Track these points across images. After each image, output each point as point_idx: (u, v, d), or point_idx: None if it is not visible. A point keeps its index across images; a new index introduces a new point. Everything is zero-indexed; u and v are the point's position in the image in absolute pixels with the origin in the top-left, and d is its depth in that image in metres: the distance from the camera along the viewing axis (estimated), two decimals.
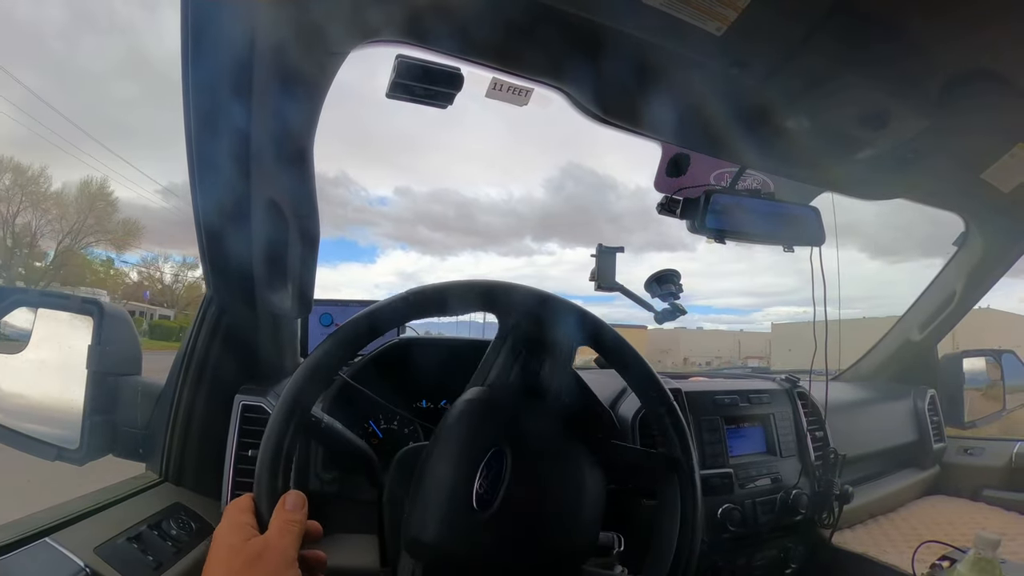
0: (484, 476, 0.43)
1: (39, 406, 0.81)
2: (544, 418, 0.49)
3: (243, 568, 0.39)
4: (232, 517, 0.43)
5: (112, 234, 21.29)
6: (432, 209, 64.92)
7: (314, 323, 0.82)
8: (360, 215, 64.47)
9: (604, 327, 0.54)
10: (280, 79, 0.59)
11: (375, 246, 70.47)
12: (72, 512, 0.66)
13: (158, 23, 34.74)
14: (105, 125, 32.01)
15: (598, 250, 0.74)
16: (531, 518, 0.44)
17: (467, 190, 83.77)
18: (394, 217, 67.04)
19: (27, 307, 0.83)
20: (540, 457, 0.46)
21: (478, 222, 65.10)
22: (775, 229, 0.77)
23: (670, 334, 26.68)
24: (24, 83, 26.30)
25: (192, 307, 23.15)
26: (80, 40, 34.66)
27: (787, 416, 0.94)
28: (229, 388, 0.67)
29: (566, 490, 0.46)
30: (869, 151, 0.86)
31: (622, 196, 65.35)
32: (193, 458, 0.70)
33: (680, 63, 0.67)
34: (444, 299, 0.48)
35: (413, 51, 0.62)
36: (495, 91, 0.65)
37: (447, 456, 0.45)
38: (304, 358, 0.82)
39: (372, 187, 70.81)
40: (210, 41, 0.55)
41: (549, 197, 68.89)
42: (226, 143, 0.60)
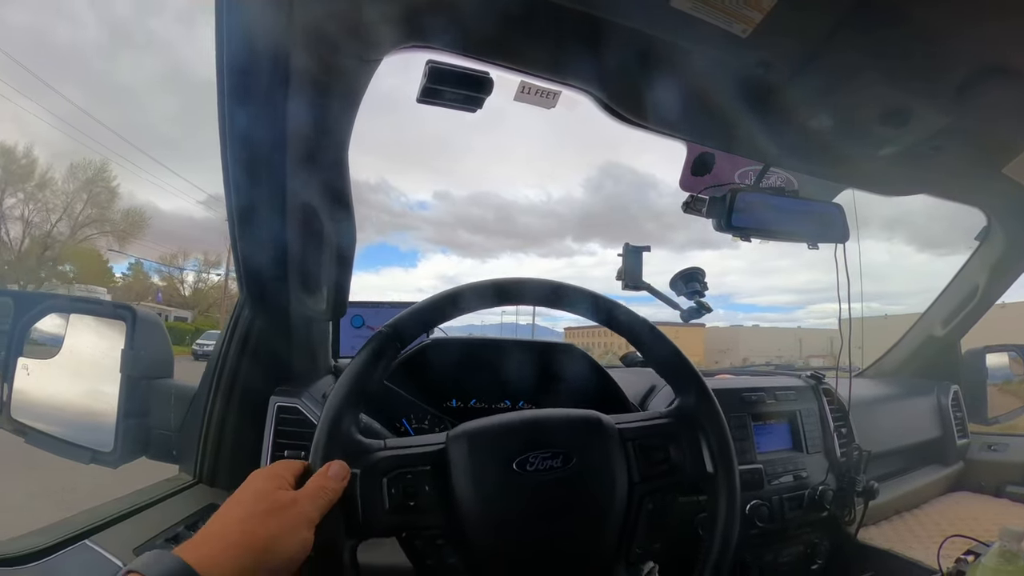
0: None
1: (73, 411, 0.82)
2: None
3: (263, 514, 0.39)
4: (274, 468, 0.44)
5: (112, 223, 19.01)
6: (471, 212, 65.12)
7: (345, 325, 0.83)
8: (401, 220, 64.87)
9: (617, 305, 0.55)
10: (315, 86, 0.60)
11: (416, 250, 70.91)
12: (110, 514, 0.68)
13: (194, 37, 35.24)
14: (148, 138, 32.48)
15: (624, 249, 0.74)
16: (564, 485, 0.47)
17: (506, 192, 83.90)
18: (434, 221, 67.26)
19: (59, 313, 0.85)
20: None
21: (518, 224, 65.12)
22: (800, 227, 0.78)
23: (728, 333, 25.71)
24: (72, 100, 26.44)
25: (214, 309, 22.36)
26: (119, 57, 35.33)
27: (813, 412, 0.94)
28: (263, 389, 0.69)
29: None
30: (890, 148, 0.86)
31: (664, 194, 65.15)
32: (227, 459, 0.71)
33: (705, 64, 0.68)
34: (456, 299, 0.50)
35: (443, 56, 0.62)
36: (523, 94, 0.66)
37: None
38: (336, 360, 0.84)
39: (411, 192, 71.11)
40: (245, 49, 0.56)
41: (589, 197, 68.69)
42: (261, 149, 0.61)
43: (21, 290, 3.67)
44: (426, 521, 0.46)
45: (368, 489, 0.44)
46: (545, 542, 0.47)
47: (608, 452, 0.49)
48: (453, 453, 0.47)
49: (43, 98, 18.90)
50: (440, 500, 0.46)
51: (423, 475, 0.46)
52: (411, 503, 0.45)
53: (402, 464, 0.46)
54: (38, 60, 27.81)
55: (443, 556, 0.46)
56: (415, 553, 0.46)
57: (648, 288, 0.75)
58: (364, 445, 0.46)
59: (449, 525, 0.46)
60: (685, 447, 0.52)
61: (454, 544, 0.46)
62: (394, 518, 0.45)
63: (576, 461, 0.48)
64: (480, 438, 0.48)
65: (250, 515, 0.39)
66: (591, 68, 0.65)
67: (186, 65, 36.41)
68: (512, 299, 0.52)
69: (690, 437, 0.53)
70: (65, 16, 32.41)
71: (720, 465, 0.52)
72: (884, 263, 24.49)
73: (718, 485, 0.52)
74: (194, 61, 35.81)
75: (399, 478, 0.45)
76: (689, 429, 0.53)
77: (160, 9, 38.20)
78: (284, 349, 0.71)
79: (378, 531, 0.45)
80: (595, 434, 0.50)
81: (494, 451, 0.47)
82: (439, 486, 0.46)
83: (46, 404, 0.83)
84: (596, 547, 0.48)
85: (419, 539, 0.46)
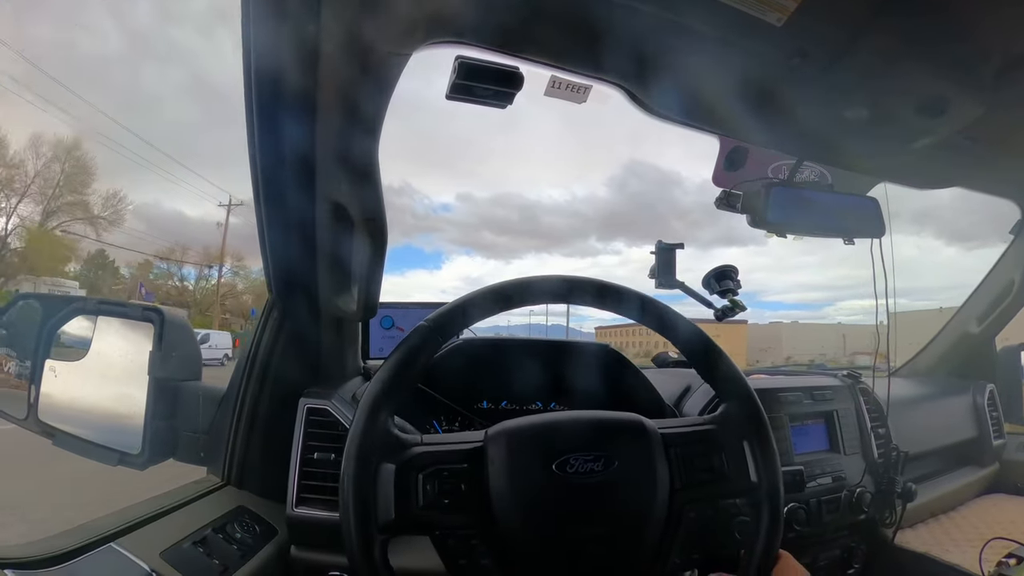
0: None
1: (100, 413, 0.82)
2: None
3: None
4: None
5: (85, 207, 16.93)
6: (495, 213, 65.14)
7: (375, 326, 0.83)
8: (424, 222, 65.21)
9: (666, 308, 0.54)
10: (344, 82, 0.59)
11: (440, 252, 71.18)
12: (137, 517, 0.67)
13: (215, 46, 35.80)
14: (175, 146, 33.03)
15: (657, 247, 0.73)
16: (604, 489, 0.46)
17: (529, 192, 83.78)
18: (458, 223, 67.41)
19: (86, 315, 0.85)
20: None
21: (542, 224, 64.97)
22: (835, 221, 0.75)
23: (769, 331, 24.71)
24: (98, 107, 26.67)
25: (214, 309, 21.42)
26: (142, 68, 36.09)
27: (850, 413, 0.91)
28: (292, 391, 0.68)
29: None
30: (925, 139, 0.83)
31: (688, 191, 64.28)
32: (256, 461, 0.71)
33: (739, 55, 0.66)
34: (464, 308, 0.50)
35: (472, 52, 0.61)
36: (554, 89, 0.64)
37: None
38: (365, 361, 0.84)
39: (434, 194, 71.29)
40: (272, 50, 0.55)
41: (613, 195, 68.17)
42: (291, 150, 0.60)
43: (49, 293, 3.72)
44: (460, 520, 0.45)
45: (403, 484, 0.43)
46: (581, 546, 0.45)
47: (650, 457, 0.48)
48: (491, 451, 0.46)
49: (68, 107, 19.03)
50: (476, 499, 0.45)
51: (459, 473, 0.45)
52: (446, 500, 0.44)
53: (439, 461, 0.45)
54: (62, 71, 28.31)
55: (476, 556, 0.45)
56: (448, 552, 0.45)
57: (681, 286, 0.74)
58: (401, 440, 0.45)
59: (484, 524, 0.45)
60: (729, 455, 0.51)
61: (488, 544, 0.45)
62: (428, 515, 0.44)
63: (617, 465, 0.47)
64: (520, 437, 0.47)
65: None
66: (623, 61, 0.64)
67: (209, 72, 36.96)
68: (559, 297, 0.51)
69: (735, 445, 0.51)
70: (85, 27, 33.05)
71: (765, 474, 0.51)
72: (913, 258, 23.96)
73: (762, 494, 0.50)
74: (216, 68, 36.33)
75: (435, 475, 0.44)
76: (734, 437, 0.52)
77: (180, 18, 38.86)
78: (313, 350, 0.71)
79: (411, 528, 0.44)
80: (638, 438, 0.49)
81: (534, 451, 0.46)
82: (475, 484, 0.45)
83: (73, 406, 0.83)
84: (633, 554, 0.47)
85: (452, 538, 0.45)
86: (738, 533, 0.54)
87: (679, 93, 0.66)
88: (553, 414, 0.50)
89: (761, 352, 21.87)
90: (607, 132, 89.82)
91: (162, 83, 37.10)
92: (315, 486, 0.65)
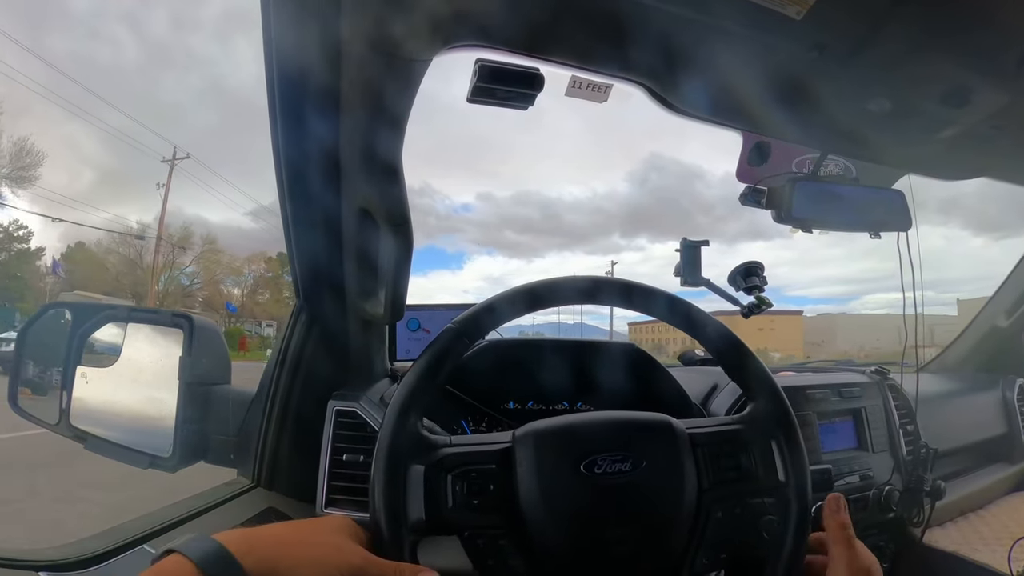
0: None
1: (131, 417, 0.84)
2: None
3: (308, 544, 0.39)
4: (360, 529, 0.44)
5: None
6: (516, 212, 64.83)
7: (401, 328, 0.83)
8: (446, 223, 65.31)
9: (692, 307, 0.54)
10: (366, 88, 0.59)
11: (462, 252, 71.06)
12: (168, 519, 0.68)
13: (231, 53, 36.28)
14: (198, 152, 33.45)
15: (682, 244, 0.72)
16: (632, 489, 0.46)
17: (549, 190, 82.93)
18: (479, 223, 67.24)
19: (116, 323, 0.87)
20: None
21: (564, 222, 64.45)
22: (861, 215, 0.74)
23: (822, 322, 22.55)
24: (127, 112, 26.87)
25: (174, 299, 18.34)
26: (161, 76, 36.73)
27: (878, 410, 0.90)
28: (321, 394, 0.69)
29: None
30: (950, 130, 0.82)
31: (711, 185, 63.05)
32: (285, 463, 0.72)
33: (759, 50, 0.65)
34: (491, 310, 0.50)
35: (493, 54, 0.62)
36: (574, 89, 0.64)
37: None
38: (392, 363, 0.85)
39: (455, 195, 71.05)
40: (294, 53, 0.56)
41: (634, 191, 67.13)
42: (315, 154, 0.61)
43: (79, 301, 3.76)
44: (489, 520, 0.45)
45: (432, 485, 0.44)
46: (609, 547, 0.45)
47: (678, 457, 0.48)
48: (519, 452, 0.46)
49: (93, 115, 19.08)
50: (504, 499, 0.45)
51: (488, 473, 0.45)
52: (475, 501, 0.44)
53: (467, 461, 0.45)
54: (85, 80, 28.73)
55: (505, 557, 0.45)
56: (477, 553, 0.45)
57: (707, 284, 0.73)
58: (430, 440, 0.46)
59: (512, 525, 0.45)
60: (757, 455, 0.50)
61: (517, 545, 0.45)
62: (457, 516, 0.44)
63: (645, 465, 0.47)
64: (547, 438, 0.47)
65: (298, 539, 0.40)
66: (643, 59, 0.64)
67: (223, 81, 37.38)
68: (587, 297, 0.51)
69: (763, 445, 0.51)
70: (105, 39, 33.69)
71: (793, 473, 0.50)
72: (939, 249, 22.91)
73: (790, 493, 0.50)
74: (234, 74, 36.69)
75: (464, 475, 0.45)
76: (762, 436, 0.51)
77: (197, 26, 39.40)
78: (342, 353, 0.71)
79: (440, 528, 0.44)
80: (665, 438, 0.49)
81: (561, 451, 0.46)
82: (504, 485, 0.45)
83: (104, 411, 0.85)
84: (661, 555, 0.47)
85: (481, 538, 0.45)
86: (765, 533, 0.54)
87: (701, 89, 0.66)
88: (581, 415, 0.50)
89: (815, 347, 20.08)
90: (625, 127, 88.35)
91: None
92: (344, 487, 0.66)
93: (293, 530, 0.42)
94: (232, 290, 24.13)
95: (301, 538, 0.40)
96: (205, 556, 0.35)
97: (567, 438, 0.47)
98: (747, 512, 0.50)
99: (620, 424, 0.49)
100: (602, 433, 0.48)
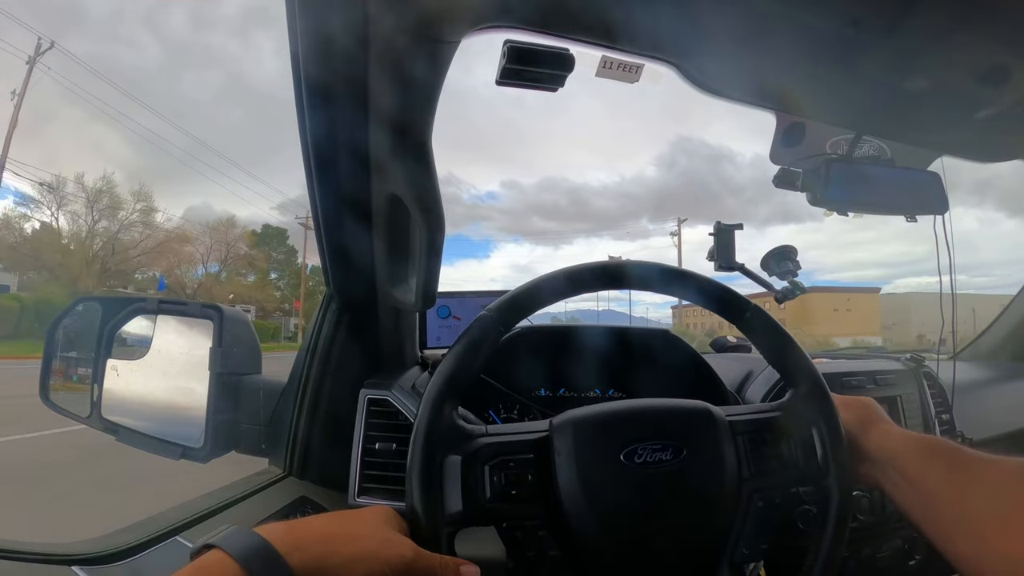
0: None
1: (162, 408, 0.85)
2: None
3: (355, 537, 0.38)
4: (401, 520, 0.43)
5: None
6: (543, 198, 64.49)
7: (432, 316, 0.83)
8: (473, 211, 65.31)
9: (728, 290, 0.53)
10: (394, 72, 0.59)
11: (489, 240, 70.91)
12: (201, 510, 0.69)
13: (250, 49, 36.46)
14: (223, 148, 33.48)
15: (716, 228, 0.71)
16: (673, 478, 0.45)
17: (576, 176, 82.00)
18: (505, 210, 66.99)
19: (146, 315, 0.88)
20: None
21: (592, 207, 63.89)
22: (896, 198, 0.73)
23: (896, 302, 20.48)
24: (156, 110, 26.46)
25: (112, 275, 15.06)
26: (182, 76, 37.08)
27: (913, 398, 0.88)
28: (353, 382, 0.69)
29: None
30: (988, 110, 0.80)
31: (740, 167, 61.90)
32: (317, 452, 0.72)
33: (792, 27, 0.64)
34: (528, 295, 0.50)
35: (522, 35, 0.61)
36: (605, 69, 0.63)
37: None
38: (422, 351, 0.84)
39: (480, 183, 70.94)
40: (320, 37, 0.55)
41: (663, 174, 66.28)
42: (344, 142, 0.61)
43: (109, 295, 3.79)
44: (528, 511, 0.44)
45: (469, 476, 0.43)
46: (651, 537, 0.45)
47: (719, 445, 0.47)
48: (557, 441, 0.45)
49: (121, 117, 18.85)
50: (543, 490, 0.44)
51: (526, 463, 0.45)
52: (513, 492, 0.44)
53: (504, 451, 0.45)
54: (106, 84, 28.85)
55: (544, 548, 0.45)
56: (515, 544, 0.45)
57: (742, 269, 0.72)
58: (466, 431, 0.45)
59: (551, 516, 0.44)
60: (797, 442, 0.49)
61: (555, 536, 0.45)
62: (495, 507, 0.44)
63: (687, 454, 0.46)
64: (586, 427, 0.46)
65: (345, 533, 0.39)
66: (675, 38, 0.62)
67: (246, 76, 37.49)
68: (617, 283, 0.50)
69: (803, 431, 0.50)
70: (124, 41, 34.05)
71: (834, 461, 0.49)
72: (973, 231, 21.71)
73: (831, 483, 0.49)
74: (254, 69, 36.76)
75: (501, 466, 0.44)
76: (802, 424, 0.50)
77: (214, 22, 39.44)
78: (372, 342, 0.71)
79: (478, 520, 0.44)
80: (706, 426, 0.48)
81: (601, 441, 0.45)
82: (542, 475, 0.45)
83: (135, 403, 0.86)
84: (702, 544, 0.46)
85: (520, 530, 0.45)
86: (801, 523, 0.53)
87: (733, 68, 0.65)
88: (619, 403, 0.49)
89: (885, 330, 18.49)
90: (650, 110, 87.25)
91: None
92: (376, 475, 0.66)
93: (338, 523, 0.40)
94: (193, 269, 20.94)
95: (348, 532, 0.39)
96: (248, 553, 0.33)
97: (607, 427, 0.47)
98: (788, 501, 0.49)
99: (660, 412, 0.48)
100: (642, 421, 0.47)
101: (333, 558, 0.36)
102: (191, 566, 0.33)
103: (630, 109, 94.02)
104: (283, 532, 0.36)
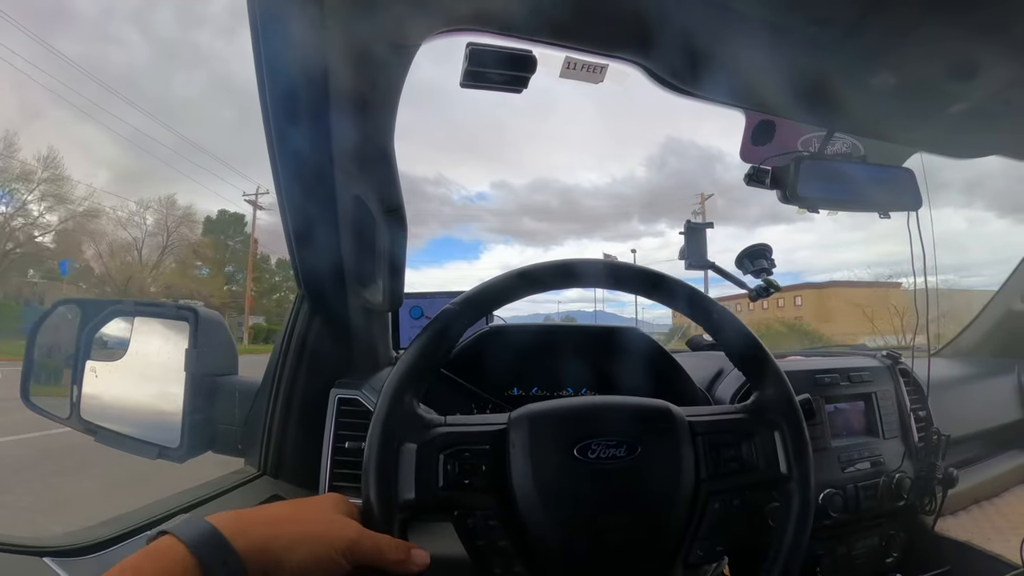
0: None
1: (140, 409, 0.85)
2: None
3: (301, 520, 0.40)
4: (353, 505, 0.44)
5: None
6: (534, 199, 64.13)
7: (405, 316, 0.84)
8: (463, 212, 64.96)
9: (693, 290, 0.53)
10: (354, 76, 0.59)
11: (479, 241, 70.51)
12: (174, 507, 0.69)
13: (238, 48, 36.26)
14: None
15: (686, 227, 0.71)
16: (625, 475, 0.45)
17: (566, 177, 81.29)
18: (496, 211, 66.56)
19: (123, 317, 0.88)
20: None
21: (583, 207, 63.52)
22: (869, 195, 0.72)
23: (905, 297, 21.13)
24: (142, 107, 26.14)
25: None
26: (171, 76, 36.93)
27: (889, 395, 0.88)
28: (325, 382, 0.69)
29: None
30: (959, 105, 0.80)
31: (730, 167, 61.46)
32: (290, 452, 0.72)
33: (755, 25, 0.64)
34: (490, 290, 0.50)
35: (484, 38, 0.61)
36: (569, 70, 0.64)
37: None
38: (397, 351, 0.85)
39: (470, 184, 70.34)
40: (282, 42, 0.55)
41: (653, 175, 65.76)
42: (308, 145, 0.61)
43: (88, 298, 3.78)
44: (480, 501, 0.45)
45: (424, 464, 0.44)
46: (601, 533, 0.45)
47: (676, 445, 0.47)
48: (513, 434, 0.46)
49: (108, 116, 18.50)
50: (496, 481, 0.45)
51: (481, 454, 0.45)
52: (466, 481, 0.44)
53: (461, 441, 0.45)
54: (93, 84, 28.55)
55: (495, 537, 0.45)
56: (467, 533, 0.45)
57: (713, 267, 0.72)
58: (425, 420, 0.46)
59: (503, 506, 0.45)
60: (759, 445, 0.49)
61: (507, 527, 0.45)
62: (448, 494, 0.44)
63: (641, 452, 0.46)
64: (542, 421, 0.46)
65: (291, 516, 0.40)
66: (638, 37, 0.62)
67: (233, 75, 37.41)
68: (570, 280, 0.50)
69: (765, 435, 0.50)
70: (113, 40, 34.01)
71: (796, 465, 0.49)
72: (961, 231, 21.84)
73: (792, 486, 0.49)
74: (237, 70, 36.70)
75: (456, 455, 0.44)
76: (765, 426, 0.50)
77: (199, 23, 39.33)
78: (344, 342, 0.72)
79: (431, 507, 0.44)
80: (664, 425, 0.48)
81: (555, 435, 0.46)
82: (496, 466, 0.45)
83: (114, 404, 0.87)
84: (654, 544, 0.46)
85: (472, 518, 0.45)
86: (771, 520, 0.53)
87: (697, 67, 0.64)
88: (578, 399, 0.49)
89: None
90: (639, 111, 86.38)
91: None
92: (347, 474, 0.67)
93: (287, 509, 0.42)
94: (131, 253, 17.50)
95: (293, 516, 0.40)
96: (197, 537, 0.35)
97: (562, 421, 0.47)
98: (746, 504, 0.49)
99: (616, 409, 0.49)
100: (598, 417, 0.47)
101: (278, 540, 0.37)
102: (143, 550, 0.35)
103: (623, 111, 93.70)
104: (231, 519, 0.37)
